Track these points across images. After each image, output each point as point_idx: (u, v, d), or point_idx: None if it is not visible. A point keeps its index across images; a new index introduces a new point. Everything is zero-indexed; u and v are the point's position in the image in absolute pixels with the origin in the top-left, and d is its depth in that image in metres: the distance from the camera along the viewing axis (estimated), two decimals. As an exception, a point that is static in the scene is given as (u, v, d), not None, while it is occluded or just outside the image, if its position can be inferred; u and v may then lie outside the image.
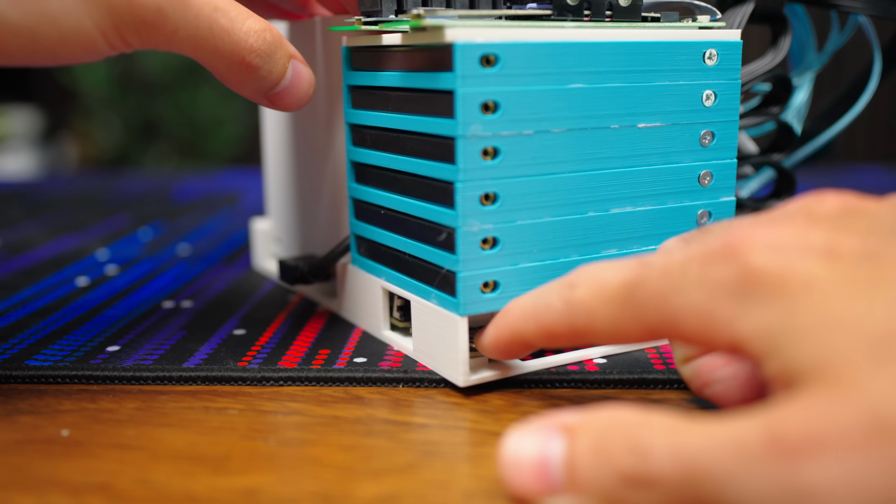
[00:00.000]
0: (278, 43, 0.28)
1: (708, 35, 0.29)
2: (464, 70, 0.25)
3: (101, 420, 0.25)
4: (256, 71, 0.28)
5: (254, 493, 0.21)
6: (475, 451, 0.23)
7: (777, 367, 0.17)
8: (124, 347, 0.31)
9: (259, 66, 0.28)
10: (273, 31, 0.28)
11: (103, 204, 0.68)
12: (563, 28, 0.27)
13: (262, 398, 0.27)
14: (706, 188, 0.30)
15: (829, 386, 0.16)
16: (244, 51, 0.27)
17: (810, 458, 0.15)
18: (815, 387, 0.16)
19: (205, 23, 0.26)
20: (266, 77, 0.28)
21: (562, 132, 0.27)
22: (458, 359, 0.27)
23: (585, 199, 0.28)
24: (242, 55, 0.27)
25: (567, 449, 0.18)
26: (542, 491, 0.18)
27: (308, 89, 0.30)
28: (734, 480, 0.16)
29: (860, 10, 0.34)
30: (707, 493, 0.16)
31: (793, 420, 0.16)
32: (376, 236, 0.31)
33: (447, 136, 0.26)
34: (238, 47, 0.27)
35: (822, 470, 0.15)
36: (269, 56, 0.28)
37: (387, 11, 0.29)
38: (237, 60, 0.28)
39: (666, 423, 0.18)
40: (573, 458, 0.18)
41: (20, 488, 0.21)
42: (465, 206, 0.26)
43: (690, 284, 0.19)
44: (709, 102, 0.29)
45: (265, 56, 0.28)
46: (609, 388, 0.28)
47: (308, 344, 0.31)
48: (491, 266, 0.26)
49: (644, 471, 0.17)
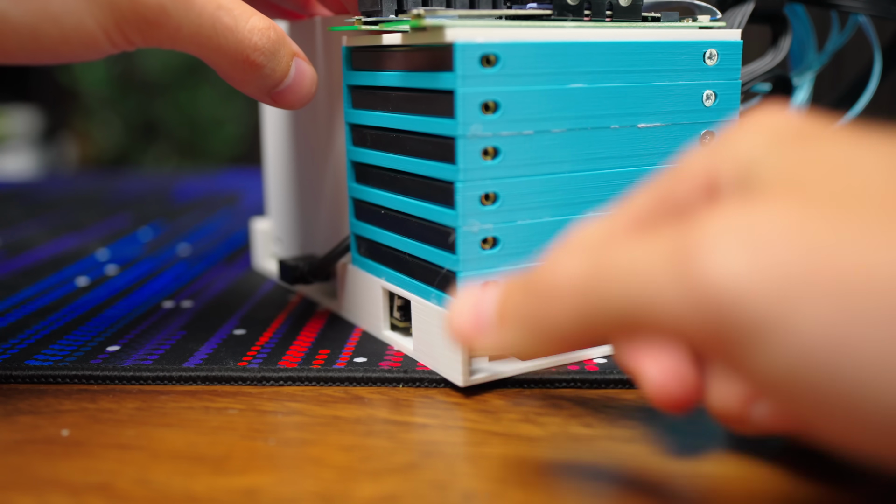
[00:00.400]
0: (282, 41, 0.28)
1: (708, 35, 0.29)
2: (464, 70, 0.25)
3: (101, 420, 0.25)
4: (260, 69, 0.28)
5: (254, 493, 0.21)
6: (475, 451, 0.23)
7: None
8: (124, 347, 0.31)
9: (263, 63, 0.28)
10: (277, 29, 0.28)
11: (103, 204, 0.68)
12: (563, 28, 0.27)
13: (262, 398, 0.27)
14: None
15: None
16: (248, 48, 0.27)
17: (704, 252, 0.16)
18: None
19: (208, 21, 0.26)
20: (270, 75, 0.28)
21: (562, 132, 0.27)
22: (458, 359, 0.27)
23: (585, 199, 0.28)
24: (246, 53, 0.27)
25: (497, 295, 0.21)
26: (476, 332, 0.21)
27: (311, 87, 0.30)
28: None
29: (860, 10, 0.34)
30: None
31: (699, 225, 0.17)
32: (376, 236, 0.31)
33: (447, 136, 0.26)
34: (242, 45, 0.27)
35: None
36: (273, 54, 0.28)
37: (387, 11, 0.29)
38: (241, 58, 0.28)
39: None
40: (501, 301, 0.21)
41: (20, 488, 0.21)
42: (466, 205, 0.26)
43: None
44: (709, 102, 0.29)
45: (269, 54, 0.28)
46: (609, 388, 0.28)
47: (308, 344, 0.31)
48: (491, 266, 0.26)
49: (550, 280, 0.19)
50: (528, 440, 0.24)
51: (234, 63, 0.28)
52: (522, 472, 0.22)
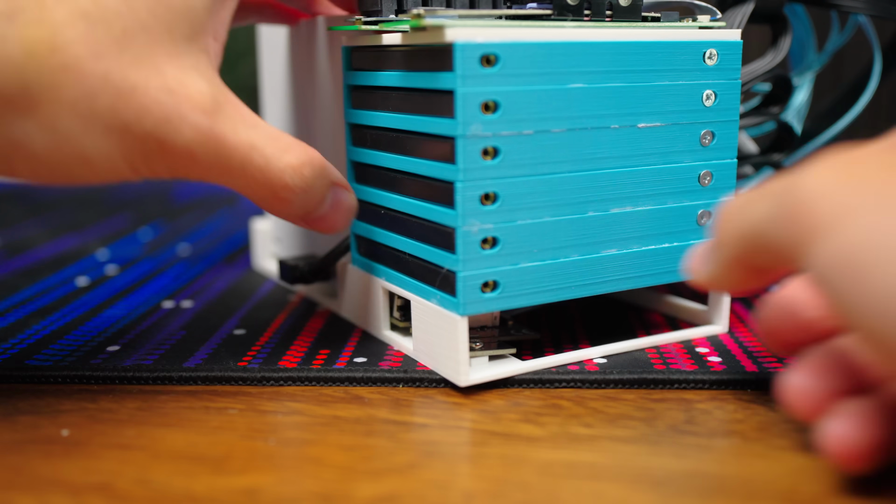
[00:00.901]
0: (318, 175, 0.27)
1: (708, 35, 0.29)
2: (464, 70, 0.25)
3: (101, 420, 0.25)
4: (290, 204, 0.27)
5: (254, 493, 0.21)
6: (475, 451, 0.23)
7: None
8: (124, 347, 0.31)
9: (293, 200, 0.27)
10: (313, 165, 0.27)
11: (103, 204, 0.68)
12: (563, 28, 0.27)
13: (262, 398, 0.27)
14: (706, 188, 0.30)
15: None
16: (277, 188, 0.26)
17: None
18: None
19: (237, 162, 0.25)
20: (301, 207, 0.27)
21: (562, 132, 0.27)
22: (458, 359, 0.27)
23: (585, 199, 0.28)
24: (276, 191, 0.26)
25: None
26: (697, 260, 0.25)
27: (348, 216, 0.29)
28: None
29: (860, 10, 0.34)
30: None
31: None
32: (376, 236, 0.31)
33: (447, 136, 0.26)
34: (271, 184, 0.26)
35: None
36: (306, 191, 0.27)
37: (387, 11, 0.29)
38: (269, 194, 0.27)
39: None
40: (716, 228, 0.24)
41: (20, 488, 0.21)
42: (466, 205, 0.26)
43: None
44: (709, 102, 0.29)
45: (300, 191, 0.27)
46: (609, 388, 0.28)
47: (308, 344, 0.31)
48: (491, 266, 0.26)
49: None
50: (528, 440, 0.24)
51: (262, 198, 0.27)
52: (522, 472, 0.22)
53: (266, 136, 0.26)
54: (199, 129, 0.24)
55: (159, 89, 0.24)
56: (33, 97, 0.23)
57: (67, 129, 0.23)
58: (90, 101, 0.23)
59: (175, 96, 0.24)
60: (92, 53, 0.23)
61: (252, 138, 0.26)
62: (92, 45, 0.23)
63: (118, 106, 0.23)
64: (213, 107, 0.25)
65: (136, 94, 0.24)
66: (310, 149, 0.27)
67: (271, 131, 0.26)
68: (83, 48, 0.23)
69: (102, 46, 0.23)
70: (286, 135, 0.27)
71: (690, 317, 0.34)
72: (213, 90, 0.25)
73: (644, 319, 0.34)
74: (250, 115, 0.26)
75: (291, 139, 0.27)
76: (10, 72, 0.22)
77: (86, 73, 0.23)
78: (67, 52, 0.23)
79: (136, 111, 0.24)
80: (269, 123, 0.27)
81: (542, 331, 0.32)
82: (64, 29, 0.23)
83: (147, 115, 0.24)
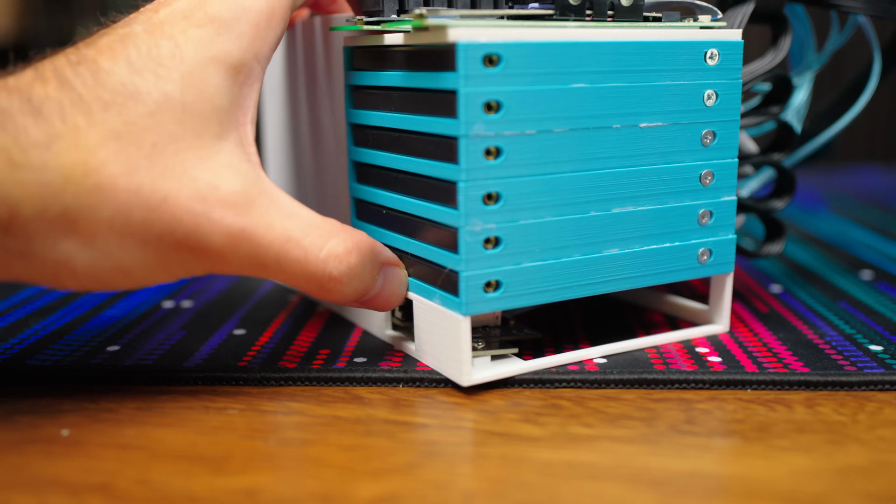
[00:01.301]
0: (367, 261, 0.27)
1: (709, 35, 0.29)
2: (466, 70, 0.25)
3: (100, 420, 0.25)
4: (339, 293, 0.27)
5: (254, 493, 0.21)
6: (475, 451, 0.23)
7: None
8: (124, 347, 0.31)
9: (341, 289, 0.27)
10: (360, 251, 0.27)
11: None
12: (565, 28, 0.27)
13: (262, 398, 0.27)
14: (707, 188, 0.30)
15: None
16: (322, 279, 0.26)
17: None
18: None
19: (272, 258, 0.25)
20: (351, 294, 0.27)
21: (564, 132, 0.27)
22: (460, 358, 0.27)
23: (587, 199, 0.28)
24: (320, 282, 0.26)
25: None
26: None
27: (400, 291, 0.29)
28: None
29: (860, 10, 0.34)
30: None
31: None
32: (378, 236, 0.31)
33: (450, 136, 0.26)
34: (314, 276, 0.26)
35: None
36: (353, 278, 0.26)
37: (389, 11, 0.29)
38: (314, 286, 0.26)
39: None
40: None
41: (20, 488, 0.21)
42: (468, 205, 0.26)
43: None
44: (710, 102, 0.29)
45: (348, 280, 0.26)
46: (609, 388, 0.28)
47: (308, 344, 0.31)
48: (493, 266, 0.26)
49: None
50: (528, 440, 0.24)
51: (308, 289, 0.27)
52: (522, 472, 0.22)
53: (304, 226, 0.26)
54: (229, 232, 0.25)
55: (190, 197, 0.24)
56: (72, 218, 0.23)
57: (105, 245, 0.24)
58: (125, 217, 0.24)
59: (206, 202, 0.25)
60: (124, 171, 0.24)
61: (288, 230, 0.26)
62: (124, 164, 0.24)
63: (151, 218, 0.24)
64: (245, 204, 0.25)
65: (167, 204, 0.24)
66: (356, 233, 0.27)
67: (310, 219, 0.26)
68: (116, 167, 0.24)
69: (134, 163, 0.24)
70: (329, 221, 0.27)
71: (690, 316, 0.34)
72: (245, 186, 0.25)
73: (644, 319, 0.34)
74: (288, 203, 0.26)
75: (335, 225, 0.27)
76: (50, 197, 0.23)
77: (119, 190, 0.24)
78: (102, 172, 0.23)
79: (169, 222, 0.24)
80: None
81: (543, 330, 0.32)
82: (97, 151, 0.23)
83: (179, 225, 0.24)
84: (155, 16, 0.26)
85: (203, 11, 0.26)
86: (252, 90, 0.27)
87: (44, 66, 0.24)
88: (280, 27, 0.27)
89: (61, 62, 0.24)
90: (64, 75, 0.24)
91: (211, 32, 0.25)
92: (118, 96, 0.24)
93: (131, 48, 0.25)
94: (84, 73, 0.24)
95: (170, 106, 0.24)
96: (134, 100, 0.24)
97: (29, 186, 0.23)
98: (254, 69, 0.26)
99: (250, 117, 0.27)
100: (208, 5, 0.26)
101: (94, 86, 0.24)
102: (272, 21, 0.27)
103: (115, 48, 0.25)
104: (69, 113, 0.23)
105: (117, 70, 0.24)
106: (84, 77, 0.24)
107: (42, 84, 0.24)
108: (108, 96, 0.24)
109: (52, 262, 0.24)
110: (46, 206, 0.23)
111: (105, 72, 0.24)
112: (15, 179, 0.23)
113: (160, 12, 0.26)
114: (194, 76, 0.25)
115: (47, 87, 0.24)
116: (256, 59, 0.26)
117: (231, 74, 0.26)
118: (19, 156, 0.23)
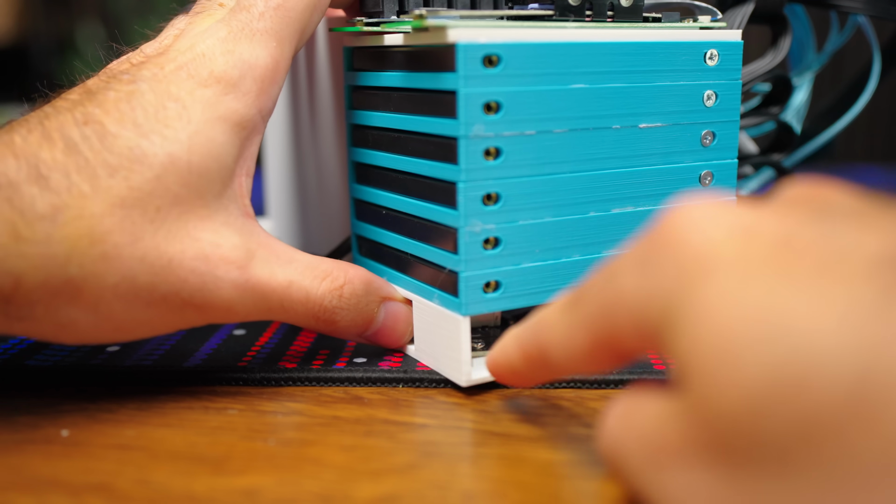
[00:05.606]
0: (362, 294, 0.28)
1: (709, 35, 0.29)
2: (466, 70, 0.25)
3: (100, 420, 0.25)
4: (337, 326, 0.28)
5: (254, 493, 0.21)
6: (475, 451, 0.23)
7: (665, 346, 0.17)
8: (124, 347, 0.31)
9: (338, 322, 0.28)
10: (353, 285, 0.27)
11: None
12: (564, 28, 0.27)
13: (262, 398, 0.27)
14: (707, 188, 0.30)
15: (686, 386, 0.16)
16: (319, 312, 0.27)
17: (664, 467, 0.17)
18: (683, 383, 0.16)
19: (277, 303, 0.26)
20: (351, 327, 0.28)
21: (564, 132, 0.27)
22: (460, 359, 0.27)
23: (587, 200, 0.28)
24: (318, 316, 0.27)
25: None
26: None
27: (405, 329, 0.29)
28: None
29: (860, 11, 0.34)
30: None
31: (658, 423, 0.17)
32: (378, 237, 0.31)
33: (449, 137, 0.26)
34: (313, 312, 0.27)
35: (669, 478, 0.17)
36: (351, 309, 0.27)
37: (389, 12, 0.29)
38: (314, 322, 0.27)
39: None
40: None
41: (20, 488, 0.21)
42: (468, 206, 0.26)
43: (623, 270, 0.18)
44: (710, 102, 0.29)
45: (344, 313, 0.27)
46: (609, 388, 0.28)
47: (308, 344, 0.31)
48: (493, 266, 0.26)
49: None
50: (528, 440, 0.24)
51: (310, 326, 0.28)
52: (522, 472, 0.22)
53: (303, 268, 0.27)
54: (235, 286, 0.25)
55: (194, 258, 0.25)
56: (77, 286, 0.24)
57: (109, 310, 0.24)
58: (130, 282, 0.24)
59: (209, 262, 0.25)
60: (129, 239, 0.24)
61: (289, 275, 0.26)
62: (128, 231, 0.24)
63: (156, 282, 0.24)
64: (246, 258, 0.26)
65: (171, 267, 0.24)
66: (351, 268, 0.28)
67: (307, 261, 0.27)
68: (120, 236, 0.24)
69: (139, 230, 0.24)
70: (325, 260, 0.27)
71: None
72: (244, 240, 0.26)
73: (644, 320, 0.34)
74: (284, 251, 0.27)
75: (330, 263, 0.27)
76: (55, 268, 0.23)
77: (124, 258, 0.24)
78: (107, 242, 0.24)
79: (174, 284, 0.25)
80: (303, 252, 0.27)
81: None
82: (102, 220, 0.24)
83: (184, 286, 0.25)
84: (160, 72, 0.26)
85: (209, 70, 0.26)
86: (254, 143, 0.27)
87: (50, 122, 0.24)
88: (283, 79, 0.28)
89: (68, 121, 0.24)
90: (71, 138, 0.24)
91: (217, 92, 0.26)
92: (124, 160, 0.24)
93: (138, 110, 0.25)
94: (91, 135, 0.24)
95: (175, 168, 0.25)
96: (140, 163, 0.24)
97: (34, 258, 0.23)
98: (258, 124, 0.27)
99: (246, 169, 0.27)
100: (214, 64, 0.26)
101: (101, 149, 0.24)
102: (276, 75, 0.27)
103: (122, 109, 0.25)
104: (75, 180, 0.23)
105: (124, 133, 0.24)
106: (91, 141, 0.24)
107: (49, 147, 0.24)
108: (114, 160, 0.24)
109: (53, 325, 0.24)
110: (51, 277, 0.23)
111: (112, 135, 0.24)
112: (20, 252, 0.23)
113: (165, 69, 0.26)
114: (201, 135, 0.25)
115: (54, 151, 0.24)
116: (260, 114, 0.27)
117: (236, 131, 0.26)
118: (25, 229, 0.23)
